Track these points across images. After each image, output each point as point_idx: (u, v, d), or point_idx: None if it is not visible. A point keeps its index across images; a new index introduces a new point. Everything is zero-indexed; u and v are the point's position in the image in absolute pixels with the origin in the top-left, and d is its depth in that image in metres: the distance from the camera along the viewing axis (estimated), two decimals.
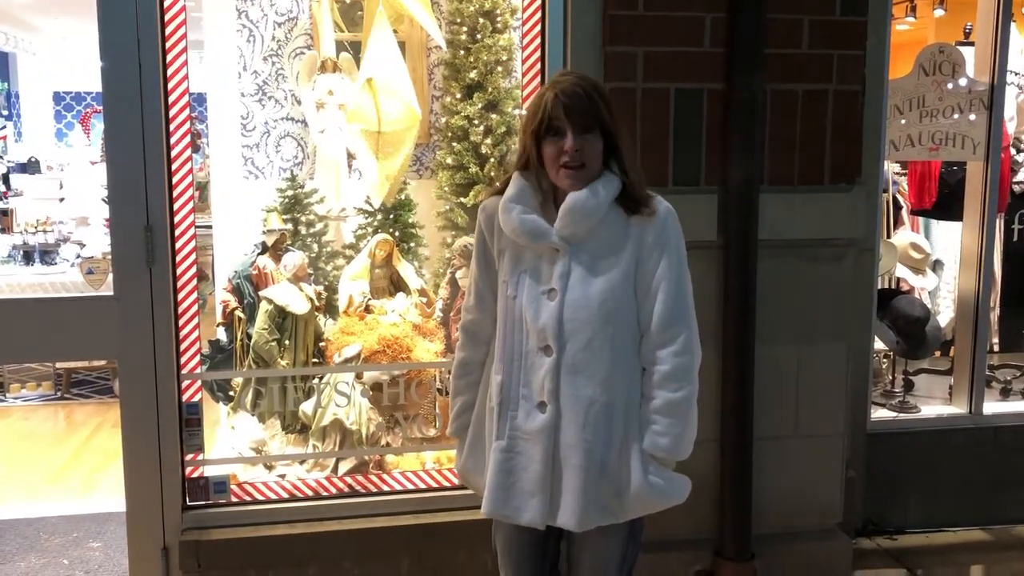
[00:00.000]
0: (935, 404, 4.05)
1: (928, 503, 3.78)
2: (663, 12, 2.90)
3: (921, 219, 5.06)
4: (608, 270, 2.03)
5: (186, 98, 2.89)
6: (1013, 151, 4.68)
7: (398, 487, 3.21)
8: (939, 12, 5.94)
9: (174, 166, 2.90)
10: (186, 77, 2.88)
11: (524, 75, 3.09)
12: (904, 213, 4.99)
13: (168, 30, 2.84)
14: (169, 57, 2.85)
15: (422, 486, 3.22)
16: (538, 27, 3.04)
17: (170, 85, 2.86)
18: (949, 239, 5.03)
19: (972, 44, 3.98)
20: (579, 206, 2.01)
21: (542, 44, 3.04)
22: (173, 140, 2.89)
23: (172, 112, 2.87)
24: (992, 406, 3.95)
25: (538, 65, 3.06)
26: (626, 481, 2.06)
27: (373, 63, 3.44)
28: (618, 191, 2.04)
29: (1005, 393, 4.25)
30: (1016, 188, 4.73)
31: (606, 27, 2.90)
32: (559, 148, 2.00)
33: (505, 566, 2.27)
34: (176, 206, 2.90)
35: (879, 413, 3.88)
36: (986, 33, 3.75)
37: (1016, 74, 4.57)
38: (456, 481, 3.22)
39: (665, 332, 2.04)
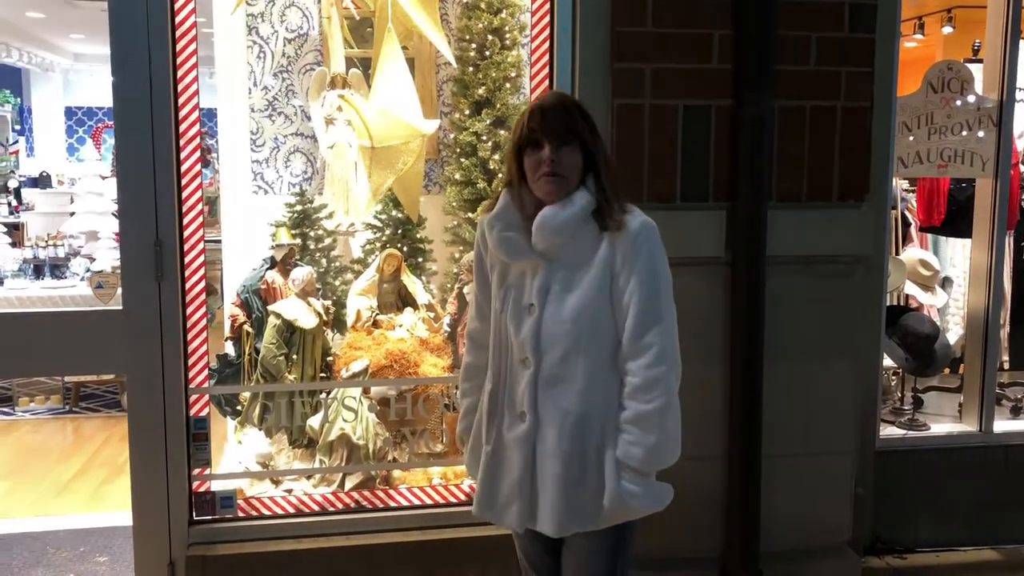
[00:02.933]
0: (945, 422, 4.02)
1: (938, 521, 3.75)
2: (671, 29, 2.90)
3: (930, 236, 5.04)
4: (582, 285, 2.08)
5: (196, 113, 2.91)
6: (1022, 168, 4.67)
7: (405, 503, 3.20)
8: (947, 29, 5.95)
9: (184, 181, 2.91)
10: (196, 93, 2.90)
11: (532, 91, 3.11)
12: (913, 230, 4.98)
13: (179, 46, 2.86)
14: (180, 73, 2.87)
15: (429, 502, 3.21)
16: (547, 44, 3.06)
17: (180, 101, 2.88)
18: (958, 256, 5.01)
19: (981, 61, 3.97)
20: (548, 221, 2.06)
21: (550, 61, 3.05)
22: (183, 155, 2.91)
23: (183, 127, 2.90)
24: (1002, 424, 3.92)
25: (546, 82, 3.07)
26: (601, 488, 2.10)
27: (379, 80, 3.46)
28: (591, 207, 2.08)
29: (1016, 411, 4.21)
30: None
31: (614, 44, 2.91)
32: (538, 159, 2.06)
33: (524, 570, 2.39)
34: (186, 221, 2.92)
35: (888, 430, 3.86)
36: (994, 50, 3.75)
37: None
38: (463, 497, 3.22)
39: (635, 344, 2.07)
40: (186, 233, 2.93)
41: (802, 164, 3.04)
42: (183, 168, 2.91)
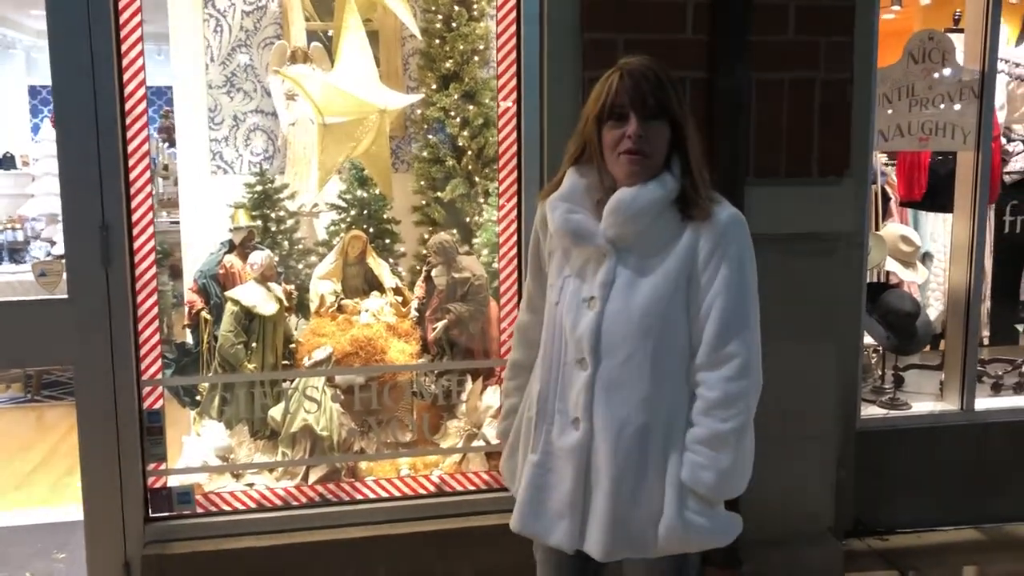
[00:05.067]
0: (926, 400, 3.95)
1: (919, 501, 3.69)
2: None
3: (910, 211, 4.96)
4: (654, 279, 1.86)
5: (143, 90, 2.75)
6: (1004, 140, 4.59)
7: (372, 495, 3.09)
8: (925, 0, 5.83)
9: (131, 162, 2.76)
10: (143, 68, 2.74)
11: (499, 63, 2.97)
12: (893, 205, 4.90)
13: (123, 18, 2.70)
14: (124, 47, 2.71)
15: (397, 494, 3.10)
16: (513, 13, 2.92)
17: (126, 76, 2.72)
18: (939, 231, 4.94)
19: (962, 31, 3.87)
20: (624, 204, 1.85)
21: (517, 31, 2.92)
22: (130, 134, 2.75)
23: (128, 105, 2.74)
24: (983, 402, 3.85)
25: (514, 53, 2.94)
26: (659, 513, 1.87)
27: (339, 53, 3.31)
28: (675, 192, 1.86)
29: (996, 388, 4.16)
30: (1007, 178, 4.63)
31: (584, 13, 2.79)
32: (621, 134, 1.84)
33: None
34: (134, 204, 2.77)
35: (869, 410, 3.78)
36: (976, 20, 3.64)
37: (1007, 62, 4.47)
38: (432, 488, 3.11)
39: (716, 354, 1.85)
40: (135, 216, 2.77)
41: (780, 138, 2.95)
42: (130, 148, 2.75)
